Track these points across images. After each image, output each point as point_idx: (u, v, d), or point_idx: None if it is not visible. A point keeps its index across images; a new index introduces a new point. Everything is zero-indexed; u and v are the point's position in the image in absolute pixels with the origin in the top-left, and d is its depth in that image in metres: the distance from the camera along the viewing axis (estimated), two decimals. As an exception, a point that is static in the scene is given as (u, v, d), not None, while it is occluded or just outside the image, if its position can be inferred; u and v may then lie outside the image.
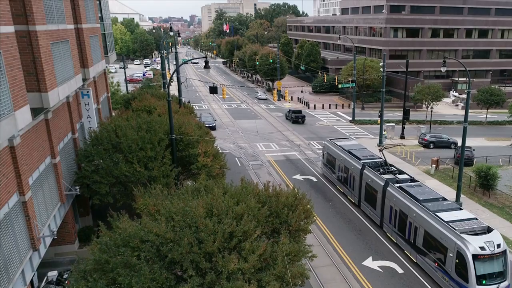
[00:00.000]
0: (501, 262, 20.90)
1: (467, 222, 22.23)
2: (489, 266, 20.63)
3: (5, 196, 15.53)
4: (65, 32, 21.77)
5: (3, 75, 13.52)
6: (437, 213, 23.13)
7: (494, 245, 20.71)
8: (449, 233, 21.66)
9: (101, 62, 32.87)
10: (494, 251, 20.50)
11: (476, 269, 20.29)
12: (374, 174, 29.90)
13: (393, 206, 26.95)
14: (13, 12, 16.53)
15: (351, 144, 37.06)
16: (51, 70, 18.70)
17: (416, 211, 24.43)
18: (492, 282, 20.51)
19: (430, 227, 23.05)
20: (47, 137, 20.88)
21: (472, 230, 21.61)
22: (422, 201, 24.74)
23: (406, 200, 25.68)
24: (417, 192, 25.90)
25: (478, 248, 20.40)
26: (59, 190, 22.10)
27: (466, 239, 20.77)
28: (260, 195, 15.91)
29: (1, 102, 13.36)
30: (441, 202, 24.96)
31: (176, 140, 25.61)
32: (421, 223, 23.87)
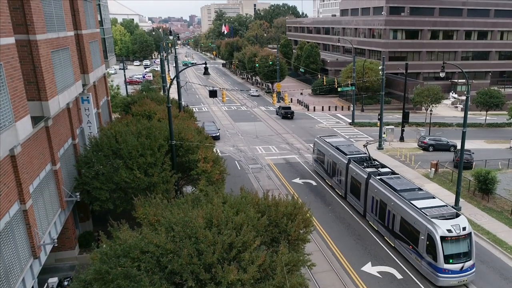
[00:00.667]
0: (466, 243, 23.26)
1: (437, 209, 24.77)
2: (456, 246, 23.06)
3: (6, 205, 15.61)
4: (65, 40, 21.85)
5: (4, 87, 13.60)
6: (412, 201, 25.53)
7: (460, 228, 23.13)
8: (421, 218, 24.06)
9: (101, 67, 32.95)
10: (460, 233, 22.98)
11: (444, 249, 22.75)
12: (358, 168, 32.18)
13: (375, 197, 29.25)
14: (14, 22, 16.62)
15: (339, 141, 39.61)
16: (52, 79, 18.78)
17: (394, 200, 26.73)
18: (458, 261, 22.95)
19: (405, 214, 25.40)
20: (47, 144, 20.95)
21: (442, 215, 24.10)
22: (399, 191, 27.09)
23: (385, 190, 27.99)
24: (396, 183, 28.36)
25: (446, 230, 22.86)
26: (60, 197, 22.18)
27: (435, 223, 23.21)
28: (259, 204, 16.00)
29: (2, 114, 13.44)
30: (417, 192, 27.40)
31: (176, 145, 25.69)
32: (398, 211, 26.19)
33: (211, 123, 54.11)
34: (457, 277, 23.00)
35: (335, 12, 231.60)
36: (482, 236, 28.86)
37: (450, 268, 22.85)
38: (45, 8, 19.07)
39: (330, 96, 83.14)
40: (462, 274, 23.08)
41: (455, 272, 22.92)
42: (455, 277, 22.98)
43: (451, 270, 22.88)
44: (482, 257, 26.58)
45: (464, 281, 23.26)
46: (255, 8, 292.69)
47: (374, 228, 29.56)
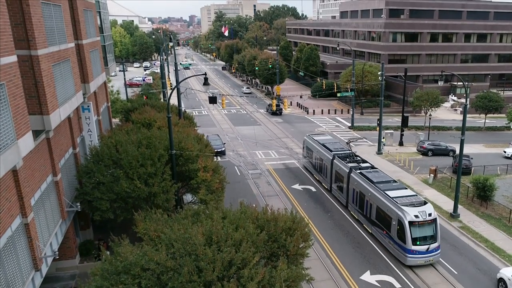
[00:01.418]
0: (432, 227, 26.17)
1: (408, 198, 27.67)
2: (422, 230, 25.99)
3: (8, 220, 15.76)
4: (66, 51, 22.02)
5: (7, 106, 13.76)
6: (386, 191, 28.55)
7: (426, 214, 26.04)
8: (393, 206, 27.02)
9: (102, 74, 33.12)
10: (426, 219, 25.91)
11: (411, 232, 25.68)
12: (341, 163, 35.23)
13: (355, 189, 32.25)
14: (15, 37, 16.79)
15: (326, 139, 42.45)
16: (53, 92, 18.95)
17: (371, 191, 29.85)
18: (425, 243, 25.81)
19: (380, 203, 28.38)
20: (48, 155, 21.10)
21: (411, 203, 26.97)
22: (376, 183, 30.15)
23: (364, 182, 31.03)
24: (373, 176, 31.41)
25: (413, 216, 25.81)
26: (61, 207, 22.34)
27: (405, 209, 26.17)
28: (259, 218, 16.17)
29: (5, 132, 13.60)
30: (391, 183, 30.44)
31: (176, 155, 25.86)
32: (374, 200, 29.20)
33: (216, 137, 49.68)
34: (423, 257, 25.87)
35: (335, 12, 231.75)
36: (481, 244, 29.02)
37: (417, 249, 25.67)
38: (46, 22, 19.23)
39: (329, 99, 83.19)
40: (428, 254, 25.94)
41: (421, 253, 25.77)
42: (422, 257, 25.85)
43: (418, 251, 25.70)
44: (480, 265, 26.76)
45: (430, 261, 26.10)
46: (255, 9, 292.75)
47: (355, 217, 32.55)
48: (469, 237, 30.16)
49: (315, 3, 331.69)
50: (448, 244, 29.22)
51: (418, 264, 26.00)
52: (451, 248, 28.67)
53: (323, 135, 45.87)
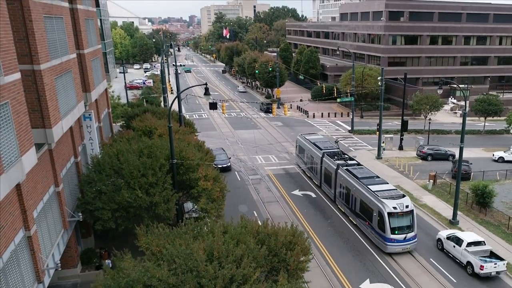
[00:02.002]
0: (409, 218, 28.65)
1: (388, 191, 30.18)
2: (400, 220, 28.44)
3: (11, 234, 15.93)
4: (68, 63, 22.19)
5: (11, 124, 13.93)
6: (369, 186, 31.00)
7: (404, 206, 28.54)
8: (374, 199, 29.48)
9: (103, 82, 33.29)
10: (403, 210, 28.43)
11: (390, 222, 28.08)
12: (330, 160, 37.71)
13: (342, 184, 34.69)
14: (18, 52, 16.96)
15: (317, 138, 44.89)
16: (55, 106, 19.12)
17: (355, 185, 32.27)
18: (402, 232, 28.28)
19: (363, 196, 30.85)
20: (50, 166, 21.27)
21: (391, 196, 29.46)
22: (360, 178, 32.56)
23: (350, 178, 33.47)
24: (358, 172, 33.82)
25: (392, 208, 28.26)
26: (63, 217, 22.51)
27: (384, 202, 28.65)
28: (259, 232, 16.34)
29: (9, 151, 13.77)
30: (374, 179, 32.79)
31: (176, 164, 26.01)
32: (358, 194, 31.68)
33: (220, 151, 46.24)
34: (401, 245, 28.34)
35: (335, 13, 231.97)
36: (479, 252, 29.14)
37: (396, 238, 28.15)
38: (49, 35, 19.40)
39: (329, 101, 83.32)
40: (405, 243, 28.40)
41: (399, 241, 28.23)
42: (399, 245, 28.33)
43: (396, 239, 28.18)
44: (479, 273, 26.88)
45: (407, 248, 28.61)
46: (255, 10, 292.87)
47: (341, 210, 35.17)
48: (468, 244, 30.28)
49: (315, 3, 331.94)
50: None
51: (396, 251, 28.44)
52: (451, 256, 28.80)
53: (314, 134, 48.64)
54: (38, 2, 17.78)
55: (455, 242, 28.14)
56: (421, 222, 33.87)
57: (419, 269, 27.40)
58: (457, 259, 27.81)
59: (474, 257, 26.40)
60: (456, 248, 27.88)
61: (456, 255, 27.86)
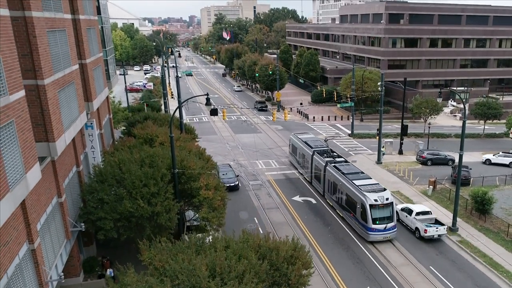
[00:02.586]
0: (389, 210, 31.34)
1: (371, 186, 33.02)
2: (380, 212, 31.06)
3: (15, 248, 16.10)
4: (71, 75, 22.36)
5: (16, 142, 14.11)
6: (353, 181, 33.74)
7: (384, 199, 31.28)
8: (358, 192, 32.20)
9: (104, 90, 33.46)
10: (384, 202, 31.17)
11: (372, 214, 30.77)
12: (319, 158, 40.36)
13: (330, 179, 37.36)
14: (22, 68, 17.14)
15: (308, 137, 47.50)
16: (58, 119, 19.30)
17: (342, 180, 34.95)
18: (383, 222, 30.99)
19: (349, 190, 33.54)
20: (53, 177, 21.44)
21: (373, 190, 32.25)
22: (346, 174, 35.33)
23: (337, 174, 36.09)
24: (344, 169, 36.60)
25: (373, 200, 31.00)
26: (65, 228, 22.70)
27: (367, 195, 31.38)
28: (261, 246, 16.52)
29: (14, 169, 13.94)
30: (359, 174, 35.62)
31: (178, 173, 26.19)
32: (344, 189, 34.34)
33: (227, 168, 43.39)
34: (382, 234, 31.10)
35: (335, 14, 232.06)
36: (479, 259, 29.36)
37: (377, 227, 30.85)
38: (52, 49, 19.56)
39: (329, 104, 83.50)
40: (385, 232, 31.11)
41: (380, 230, 30.96)
42: (380, 234, 31.08)
43: (377, 229, 30.89)
44: (478, 281, 27.12)
45: (387, 237, 31.36)
46: (255, 11, 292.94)
47: (330, 204, 37.77)
48: (467, 251, 30.52)
49: (314, 4, 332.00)
50: (448, 259, 29.61)
51: (377, 240, 31.25)
52: (451, 263, 29.05)
53: (306, 133, 50.94)
54: (41, 18, 17.95)
55: (407, 212, 33.65)
56: (421, 228, 34.12)
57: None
58: (408, 226, 33.40)
59: (420, 223, 32.07)
60: (408, 217, 33.40)
61: (408, 223, 33.48)
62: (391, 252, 30.41)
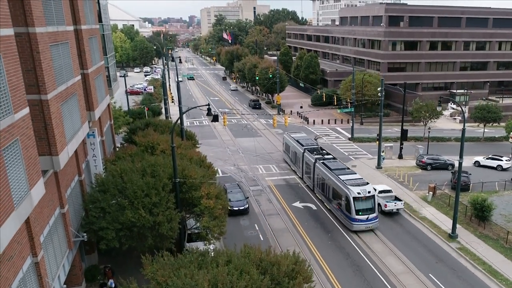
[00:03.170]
0: (370, 202, 34.19)
1: (354, 180, 35.70)
2: (363, 204, 33.86)
3: (19, 263, 16.25)
4: (73, 86, 22.52)
5: (21, 160, 14.27)
6: (339, 176, 36.48)
7: (366, 191, 34.23)
8: (343, 186, 34.97)
9: (106, 98, 33.61)
10: (366, 195, 34.09)
11: (355, 205, 33.60)
12: (310, 155, 42.94)
13: (319, 175, 40.18)
14: (26, 83, 17.30)
15: (300, 136, 50.48)
16: (61, 132, 19.46)
17: (329, 176, 37.76)
18: (365, 213, 33.81)
19: (335, 185, 36.38)
20: (56, 188, 21.61)
21: (356, 184, 34.88)
22: (333, 169, 38.09)
23: (325, 170, 38.90)
24: (332, 165, 39.25)
25: (356, 193, 33.89)
26: (68, 238, 22.87)
27: (351, 188, 34.20)
28: (262, 259, 16.69)
29: (19, 187, 14.11)
30: (345, 170, 38.51)
31: (179, 183, 26.35)
32: (331, 183, 37.27)
33: (236, 188, 39.77)
34: (364, 224, 33.89)
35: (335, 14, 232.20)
36: (478, 267, 29.53)
37: (359, 218, 33.66)
38: (55, 62, 19.73)
39: (329, 107, 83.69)
40: (367, 222, 33.90)
41: (362, 221, 33.74)
42: (363, 224, 33.88)
43: (360, 219, 33.68)
44: (477, 290, 27.31)
45: (369, 227, 34.18)
46: (255, 12, 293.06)
47: (318, 197, 40.69)
48: (467, 259, 30.68)
49: (314, 4, 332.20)
50: (447, 267, 29.77)
51: (360, 229, 34.04)
52: (450, 271, 29.22)
53: (299, 133, 53.55)
54: (45, 33, 18.12)
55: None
56: (421, 236, 34.30)
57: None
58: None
59: (382, 200, 37.39)
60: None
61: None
62: (391, 260, 30.53)
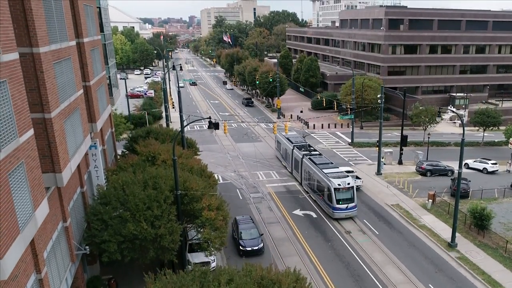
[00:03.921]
0: (350, 192, 37.99)
1: (336, 173, 39.87)
2: (343, 194, 37.76)
3: (24, 281, 16.43)
4: (76, 101, 22.71)
5: (25, 183, 14.46)
6: (323, 169, 40.58)
7: (346, 183, 38.06)
8: (326, 178, 38.92)
9: (107, 108, 33.79)
10: (346, 186, 37.92)
11: (336, 195, 37.50)
12: (298, 151, 46.95)
13: (305, 169, 44.08)
14: (30, 102, 17.50)
15: (290, 134, 54.39)
16: (64, 149, 19.65)
17: (314, 170, 41.69)
18: (345, 203, 37.72)
19: (319, 177, 40.23)
20: (59, 203, 21.76)
21: (338, 176, 39.09)
22: (318, 164, 42.16)
23: (311, 164, 42.79)
24: (317, 160, 43.40)
25: (337, 184, 37.81)
26: (70, 251, 23.02)
27: (332, 180, 38.13)
28: (263, 277, 16.88)
29: (24, 210, 14.30)
30: (329, 164, 42.56)
31: (181, 194, 26.55)
32: (316, 176, 41.04)
33: (250, 223, 34.31)
34: (344, 212, 37.81)
35: (335, 15, 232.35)
36: (478, 277, 29.70)
37: (340, 207, 37.58)
38: (58, 79, 19.90)
39: (329, 111, 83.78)
40: (347, 211, 37.81)
41: (342, 209, 37.67)
42: (343, 212, 37.80)
43: (340, 208, 37.61)
44: (477, 300, 27.50)
45: (349, 215, 38.09)
46: (255, 13, 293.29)
47: (306, 190, 44.41)
48: (466, 268, 30.87)
49: (314, 5, 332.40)
50: (447, 276, 29.97)
51: (340, 217, 37.85)
52: (450, 281, 29.41)
53: (289, 131, 56.33)
54: (48, 52, 18.31)
55: None
56: (420, 244, 34.48)
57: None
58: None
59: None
60: None
61: None
62: (391, 269, 30.72)
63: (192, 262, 29.61)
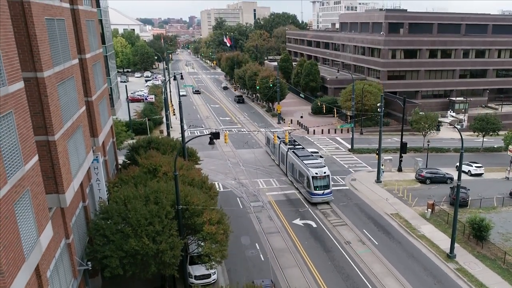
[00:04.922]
0: (326, 180, 43.47)
1: (315, 163, 45.06)
2: (320, 181, 43.27)
3: (28, 302, 16.71)
4: (79, 119, 22.96)
5: (30, 209, 14.72)
6: (304, 160, 45.95)
7: (322, 172, 43.41)
8: (305, 168, 44.37)
9: (109, 120, 34.04)
10: (322, 175, 43.25)
11: (314, 183, 43.00)
12: (284, 146, 52.21)
13: (290, 161, 49.57)
14: (34, 125, 17.74)
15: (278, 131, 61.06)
16: (68, 170, 19.90)
17: (296, 161, 47.17)
18: (321, 189, 43.26)
19: (300, 168, 45.67)
20: (62, 220, 22.02)
21: (316, 166, 44.27)
22: (300, 156, 47.44)
23: (294, 157, 48.25)
24: (300, 153, 48.54)
25: (315, 173, 43.09)
26: (73, 267, 23.29)
27: (311, 170, 43.52)
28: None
29: (29, 237, 14.56)
30: (309, 156, 47.79)
31: (182, 209, 26.81)
32: (298, 167, 46.44)
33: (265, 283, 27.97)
34: (320, 197, 43.42)
35: (335, 16, 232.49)
36: (476, 289, 30.01)
37: (317, 193, 43.14)
38: (62, 100, 20.15)
39: (329, 116, 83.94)
40: (323, 196, 43.46)
41: (319, 195, 43.27)
42: (319, 197, 43.41)
43: (317, 193, 43.18)
44: (475, 313, 27.76)
45: (325, 199, 43.73)
46: (255, 15, 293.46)
47: (290, 180, 49.99)
48: (465, 280, 31.12)
49: (315, 6, 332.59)
50: (445, 289, 30.26)
51: (317, 201, 43.57)
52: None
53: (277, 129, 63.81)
54: (52, 74, 18.56)
55: None
56: (419, 255, 34.72)
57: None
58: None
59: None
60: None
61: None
62: (391, 281, 30.99)
63: (193, 274, 29.90)
